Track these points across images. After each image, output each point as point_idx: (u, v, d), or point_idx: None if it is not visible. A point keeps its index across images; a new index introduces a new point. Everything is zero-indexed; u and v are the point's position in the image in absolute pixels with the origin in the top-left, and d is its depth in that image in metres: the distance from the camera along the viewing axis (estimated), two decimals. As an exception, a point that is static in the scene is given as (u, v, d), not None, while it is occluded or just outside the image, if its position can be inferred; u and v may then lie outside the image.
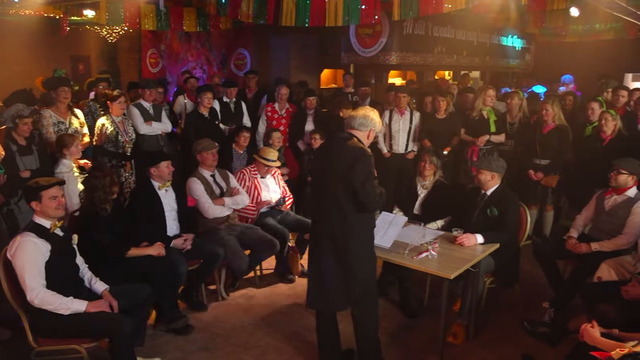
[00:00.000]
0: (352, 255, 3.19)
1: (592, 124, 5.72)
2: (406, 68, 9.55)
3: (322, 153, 3.51)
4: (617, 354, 2.21)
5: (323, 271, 3.26)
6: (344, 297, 3.28)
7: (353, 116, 3.27)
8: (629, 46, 13.00)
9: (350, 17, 5.25)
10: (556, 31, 11.58)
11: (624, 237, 4.10)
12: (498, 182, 4.21)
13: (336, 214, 3.17)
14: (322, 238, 3.26)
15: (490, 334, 4.09)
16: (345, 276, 3.21)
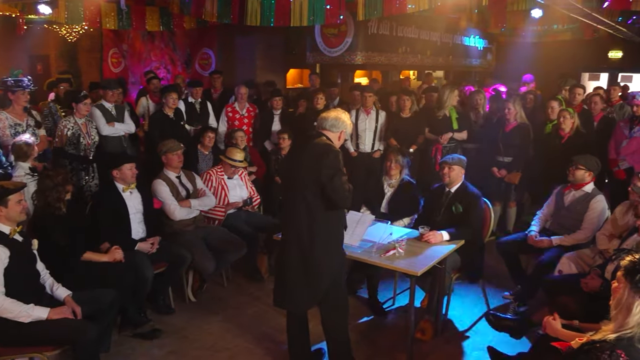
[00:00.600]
0: (318, 253, 3.19)
1: (551, 121, 5.88)
2: (372, 68, 9.62)
3: (291, 153, 3.55)
4: (577, 343, 2.28)
5: (289, 270, 3.26)
6: (310, 296, 3.28)
7: (325, 117, 3.28)
8: (585, 46, 13.44)
9: (315, 17, 5.25)
10: (516, 32, 11.86)
11: (583, 231, 4.24)
12: (462, 180, 4.29)
13: (304, 213, 3.17)
14: (290, 237, 3.27)
15: (457, 329, 4.17)
16: (311, 274, 3.21)
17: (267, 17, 5.29)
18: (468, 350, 3.87)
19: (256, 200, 5.32)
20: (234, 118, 6.66)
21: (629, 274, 2.07)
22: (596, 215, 4.23)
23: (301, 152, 3.25)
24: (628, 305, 2.06)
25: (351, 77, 9.28)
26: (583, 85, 7.42)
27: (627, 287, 2.06)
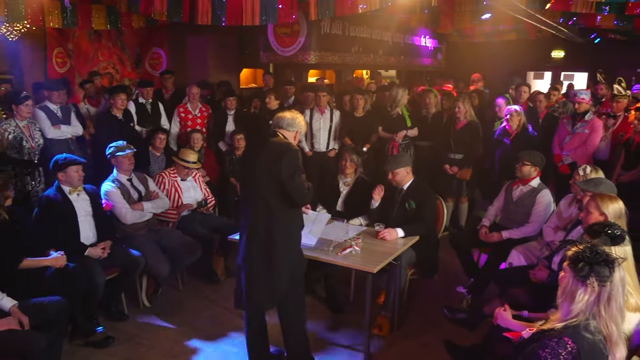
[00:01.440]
0: (278, 253, 3.18)
1: (499, 119, 6.07)
2: (325, 67, 9.66)
3: (248, 153, 3.51)
4: (527, 333, 2.36)
5: (251, 271, 3.24)
6: (271, 296, 3.27)
7: (282, 117, 3.30)
8: (530, 46, 13.95)
9: (267, 16, 5.21)
10: (465, 32, 12.18)
11: (530, 225, 4.40)
12: (412, 177, 4.36)
13: (263, 213, 3.15)
14: (250, 238, 3.23)
15: (413, 324, 4.24)
16: (271, 274, 3.20)
17: (218, 16, 5.21)
18: (425, 345, 3.94)
19: (211, 201, 5.25)
20: (186, 119, 6.54)
21: (573, 264, 2.16)
22: (542, 209, 4.40)
23: (258, 152, 3.22)
24: (572, 293, 2.15)
25: (305, 76, 9.29)
26: (528, 83, 7.70)
27: (571, 276, 2.15)
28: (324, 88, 6.88)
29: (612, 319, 2.12)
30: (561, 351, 2.07)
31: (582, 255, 2.14)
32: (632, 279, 2.60)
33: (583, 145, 5.52)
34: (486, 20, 9.36)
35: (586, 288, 2.11)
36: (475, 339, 3.61)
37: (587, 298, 2.11)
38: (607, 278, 2.09)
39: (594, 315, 2.12)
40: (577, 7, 6.59)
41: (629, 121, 5.63)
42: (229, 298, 4.51)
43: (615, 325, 2.14)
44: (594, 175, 3.83)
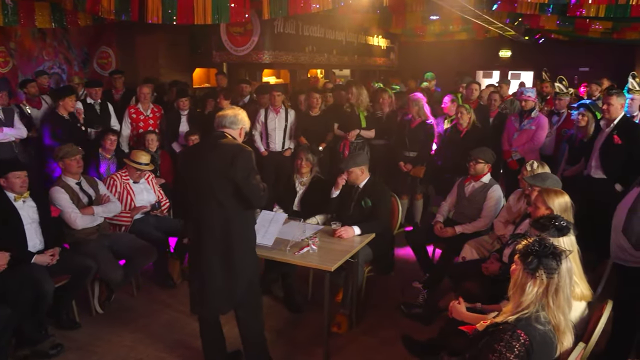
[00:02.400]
0: (236, 255, 3.15)
1: (450, 117, 6.21)
2: (279, 67, 9.64)
3: (194, 154, 3.35)
4: (481, 325, 2.42)
5: (207, 273, 3.18)
6: (228, 299, 3.23)
7: (224, 115, 3.23)
8: (479, 46, 14.38)
9: (219, 15, 5.14)
10: (416, 32, 12.40)
11: (482, 219, 4.53)
12: (368, 175, 4.41)
13: (218, 214, 3.11)
14: (204, 240, 3.16)
15: (371, 320, 4.29)
16: (229, 277, 3.17)
17: (169, 15, 5.10)
18: (383, 340, 3.99)
19: (165, 203, 5.14)
20: (138, 119, 6.39)
21: (523, 257, 2.23)
22: (493, 203, 4.53)
23: (208, 153, 3.15)
24: (522, 285, 2.22)
25: (259, 76, 9.24)
26: (479, 82, 7.91)
27: (521, 269, 2.23)
28: (278, 87, 6.88)
29: (560, 309, 2.21)
30: (515, 343, 2.14)
31: (531, 249, 2.22)
32: (577, 268, 2.72)
33: (530, 142, 5.73)
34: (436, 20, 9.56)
35: (535, 280, 2.19)
36: (432, 333, 3.69)
37: (536, 290, 2.19)
38: (555, 270, 2.18)
39: (543, 306, 2.20)
40: (522, 8, 6.82)
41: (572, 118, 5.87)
42: (186, 302, 4.42)
43: (563, 315, 2.23)
44: (540, 171, 3.97)
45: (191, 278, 3.36)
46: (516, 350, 2.13)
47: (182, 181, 3.32)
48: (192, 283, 3.33)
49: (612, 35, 10.78)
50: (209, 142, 3.24)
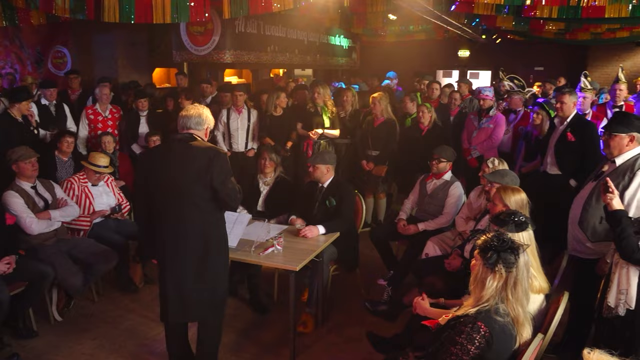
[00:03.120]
0: (214, 257, 3.08)
1: (411, 115, 6.30)
2: (241, 66, 9.57)
3: (160, 158, 3.16)
4: (444, 319, 2.48)
5: (179, 282, 3.06)
6: (200, 308, 3.12)
7: (187, 116, 3.12)
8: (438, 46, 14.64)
9: (179, 14, 5.05)
10: (377, 32, 12.52)
11: (444, 216, 4.62)
12: (333, 174, 4.43)
13: (191, 218, 3.01)
14: (177, 245, 3.04)
15: (337, 319, 4.31)
16: (205, 285, 3.08)
17: (126, 13, 4.98)
18: (349, 338, 4.02)
19: (125, 207, 5.03)
20: (96, 121, 6.23)
21: (483, 252, 2.29)
22: (454, 200, 4.63)
23: (180, 157, 3.02)
24: (482, 280, 2.28)
25: (221, 75, 9.15)
26: (439, 81, 8.06)
27: (481, 264, 2.29)
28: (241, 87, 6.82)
29: (519, 302, 2.28)
30: (475, 335, 2.20)
31: (491, 244, 2.28)
32: (535, 262, 2.80)
33: (489, 140, 5.87)
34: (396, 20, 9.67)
35: (495, 274, 2.25)
36: (397, 329, 3.74)
37: (496, 284, 2.25)
38: (513, 264, 2.24)
39: (502, 299, 2.26)
40: (479, 9, 6.98)
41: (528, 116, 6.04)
42: (149, 306, 4.38)
43: (522, 307, 2.30)
44: (500, 167, 4.08)
45: (162, 285, 3.18)
46: (477, 342, 2.19)
47: (144, 187, 3.14)
48: (162, 290, 3.17)
49: (565, 36, 11.15)
50: (177, 145, 3.08)
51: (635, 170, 3.11)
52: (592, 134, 4.56)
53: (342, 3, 7.18)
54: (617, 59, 14.06)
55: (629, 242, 2.60)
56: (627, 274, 2.67)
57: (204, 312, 3.19)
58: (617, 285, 2.73)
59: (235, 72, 10.86)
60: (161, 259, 3.16)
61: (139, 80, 8.15)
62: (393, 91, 8.61)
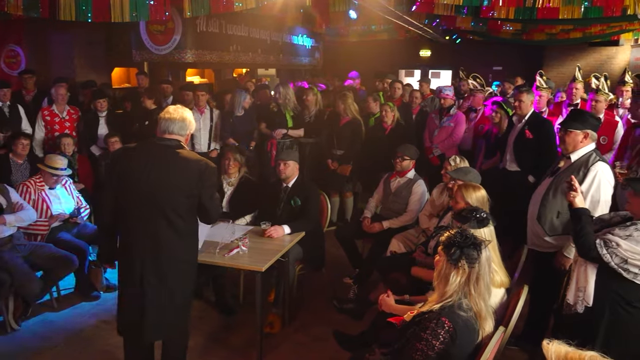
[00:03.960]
0: (181, 280, 2.93)
1: (374, 115, 6.36)
2: (203, 66, 9.44)
3: (140, 160, 2.89)
4: (409, 316, 2.51)
5: (142, 297, 2.87)
6: (164, 327, 2.96)
7: (171, 119, 2.90)
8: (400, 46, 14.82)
9: (138, 12, 4.94)
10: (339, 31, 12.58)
11: (408, 214, 4.68)
12: (297, 174, 4.44)
13: (164, 228, 2.83)
14: (144, 259, 2.85)
15: (304, 318, 4.31)
16: (171, 304, 2.92)
17: (83, 12, 4.84)
18: (315, 337, 4.03)
19: (85, 210, 4.90)
20: (53, 122, 6.04)
21: (446, 248, 2.34)
22: (418, 198, 4.70)
23: (165, 164, 2.83)
24: (446, 275, 2.33)
25: (182, 75, 9.01)
26: (401, 81, 8.16)
27: (445, 260, 2.33)
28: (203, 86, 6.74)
29: (481, 297, 2.33)
30: (440, 331, 2.24)
31: (454, 240, 2.32)
32: (496, 257, 2.87)
33: (450, 138, 5.98)
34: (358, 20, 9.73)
35: (458, 270, 2.29)
36: (364, 326, 3.76)
37: (459, 279, 2.30)
38: (476, 260, 2.29)
39: (465, 294, 2.31)
40: (439, 9, 7.09)
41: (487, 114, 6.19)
42: (110, 312, 4.28)
43: (484, 301, 2.35)
44: (461, 165, 4.16)
45: (122, 296, 3.01)
46: (441, 337, 2.23)
47: (114, 188, 2.94)
48: (122, 301, 3.01)
49: (521, 36, 11.48)
50: (163, 151, 2.87)
51: (589, 166, 3.23)
52: (549, 132, 4.70)
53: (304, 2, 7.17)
54: (571, 59, 14.54)
55: (587, 240, 2.68)
56: (585, 272, 2.75)
57: (161, 334, 3.03)
58: (575, 282, 2.82)
59: (197, 72, 10.71)
60: (123, 269, 2.97)
61: (97, 80, 7.95)
62: (357, 91, 8.67)
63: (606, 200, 3.22)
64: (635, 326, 2.68)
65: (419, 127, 6.59)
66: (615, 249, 2.56)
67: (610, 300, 2.68)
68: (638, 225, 2.56)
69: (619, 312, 2.67)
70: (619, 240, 2.55)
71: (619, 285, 2.64)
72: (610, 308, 2.68)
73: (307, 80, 11.25)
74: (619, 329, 2.68)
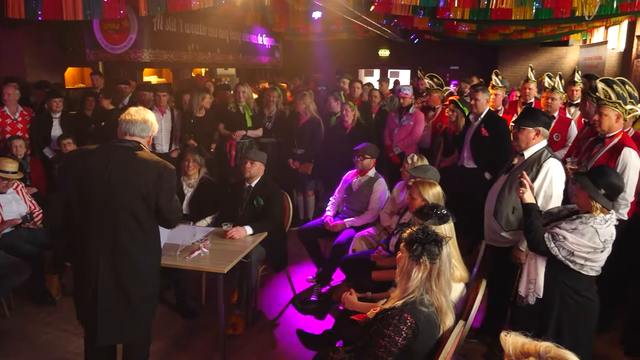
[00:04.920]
0: (143, 284, 2.88)
1: (335, 115, 6.39)
2: (160, 66, 9.28)
3: (97, 162, 2.81)
4: (372, 313, 2.54)
5: (101, 303, 2.80)
6: (125, 331, 2.90)
7: (132, 121, 2.84)
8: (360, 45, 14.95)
9: (91, 10, 4.80)
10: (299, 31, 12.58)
11: (369, 212, 4.72)
12: (262, 174, 4.42)
13: (122, 231, 2.77)
14: (102, 264, 2.78)
15: (267, 319, 4.29)
16: (131, 309, 2.86)
17: (33, 9, 4.67)
18: (279, 337, 4.02)
19: (38, 215, 4.73)
20: (4, 124, 5.82)
21: (408, 245, 2.37)
22: (379, 196, 4.75)
23: (123, 166, 2.77)
24: (408, 271, 2.36)
25: (139, 75, 8.83)
26: (361, 80, 8.22)
27: (407, 257, 2.36)
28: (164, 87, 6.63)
29: (442, 292, 2.38)
30: (402, 327, 2.27)
31: (416, 237, 2.36)
32: (456, 253, 2.94)
33: (409, 136, 6.07)
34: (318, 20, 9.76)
35: (420, 266, 2.33)
36: (327, 325, 3.78)
37: (420, 275, 2.34)
38: (437, 256, 2.34)
39: (427, 290, 2.35)
40: (396, 10, 7.19)
41: (445, 113, 6.31)
42: (68, 318, 4.15)
43: (444, 297, 2.40)
44: (420, 163, 4.24)
45: (81, 304, 2.94)
46: (404, 333, 2.26)
47: (68, 190, 2.85)
48: (83, 309, 2.93)
49: (476, 37, 11.76)
50: (121, 153, 2.81)
51: (542, 163, 3.34)
52: (504, 129, 4.83)
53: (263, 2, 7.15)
54: (524, 58, 15.01)
55: (536, 234, 2.78)
56: (535, 265, 2.85)
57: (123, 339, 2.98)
58: (526, 275, 2.92)
59: (154, 72, 10.52)
60: (78, 277, 2.90)
61: (50, 80, 7.69)
62: (318, 90, 8.69)
63: (558, 195, 3.34)
64: (583, 315, 2.80)
65: (379, 126, 6.66)
66: (562, 242, 2.66)
67: (559, 291, 2.79)
68: (583, 219, 2.67)
69: (568, 302, 2.78)
70: (566, 234, 2.66)
71: (567, 277, 2.75)
72: (560, 298, 2.79)
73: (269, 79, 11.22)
74: (569, 319, 2.79)
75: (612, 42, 12.59)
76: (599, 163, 3.47)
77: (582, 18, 6.53)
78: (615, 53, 12.08)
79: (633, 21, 10.72)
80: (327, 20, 10.45)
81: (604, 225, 2.64)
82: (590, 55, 13.69)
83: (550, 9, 6.45)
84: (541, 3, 6.16)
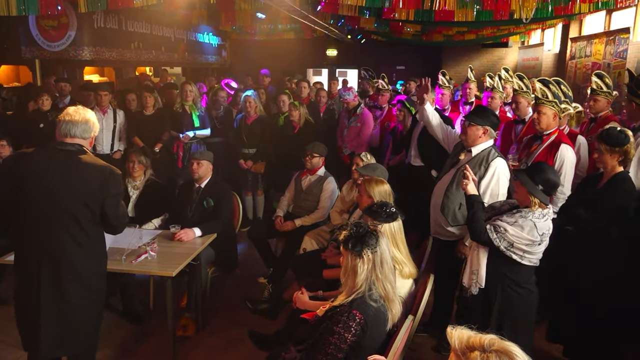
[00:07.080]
0: (86, 293, 2.78)
1: (283, 114, 6.39)
2: (102, 64, 8.98)
3: (38, 166, 2.68)
4: (321, 311, 2.56)
5: (43, 312, 2.69)
6: (68, 341, 2.80)
7: (72, 122, 2.71)
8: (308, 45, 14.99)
9: (26, 6, 4.57)
10: (246, 30, 12.48)
11: (319, 211, 4.74)
12: (211, 174, 4.36)
13: (65, 238, 2.67)
14: (42, 273, 2.67)
15: (218, 320, 4.24)
16: (75, 318, 2.77)
17: (-38, 4, 4.42)
18: (231, 339, 3.97)
19: (-29, 221, 4.48)
20: None
21: (346, 243, 2.42)
22: (328, 195, 4.78)
23: (65, 171, 2.66)
24: (354, 268, 2.41)
25: (80, 73, 8.50)
26: (308, 80, 8.25)
27: (349, 255, 2.41)
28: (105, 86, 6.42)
29: (387, 279, 2.44)
30: (351, 323, 2.30)
31: (351, 234, 2.42)
32: (404, 249, 3.00)
33: (358, 137, 6.15)
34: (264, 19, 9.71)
35: (363, 259, 2.38)
36: (279, 325, 3.77)
37: (366, 267, 2.39)
38: (376, 245, 2.40)
39: (373, 281, 2.40)
40: (343, 10, 7.26)
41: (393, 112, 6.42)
42: (5, 329, 3.95)
43: (390, 283, 2.46)
44: (367, 162, 4.29)
45: (20, 313, 2.82)
46: (353, 330, 2.29)
47: (6, 196, 2.72)
48: (22, 319, 2.81)
49: (421, 37, 12.04)
50: (63, 157, 2.70)
51: (490, 162, 3.45)
52: (450, 128, 4.96)
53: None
54: (467, 59, 15.48)
55: (478, 225, 2.88)
56: (477, 256, 2.96)
57: (64, 350, 2.88)
58: (470, 266, 3.02)
59: (96, 70, 10.18)
60: (21, 284, 2.78)
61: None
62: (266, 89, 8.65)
63: (503, 193, 3.47)
64: (524, 306, 2.92)
65: (326, 125, 6.70)
66: (504, 233, 2.77)
67: (501, 282, 2.89)
68: (522, 213, 2.79)
69: (509, 293, 2.89)
70: (507, 226, 2.77)
71: (508, 268, 2.86)
72: (501, 289, 2.90)
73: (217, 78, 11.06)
74: (510, 309, 2.91)
75: (548, 44, 13.21)
76: (538, 159, 3.62)
77: (519, 20, 6.81)
78: (551, 54, 12.67)
79: (567, 24, 11.28)
80: (274, 20, 10.42)
81: (541, 219, 2.76)
82: (528, 56, 14.29)
83: (491, 11, 6.68)
84: (482, 5, 6.37)
